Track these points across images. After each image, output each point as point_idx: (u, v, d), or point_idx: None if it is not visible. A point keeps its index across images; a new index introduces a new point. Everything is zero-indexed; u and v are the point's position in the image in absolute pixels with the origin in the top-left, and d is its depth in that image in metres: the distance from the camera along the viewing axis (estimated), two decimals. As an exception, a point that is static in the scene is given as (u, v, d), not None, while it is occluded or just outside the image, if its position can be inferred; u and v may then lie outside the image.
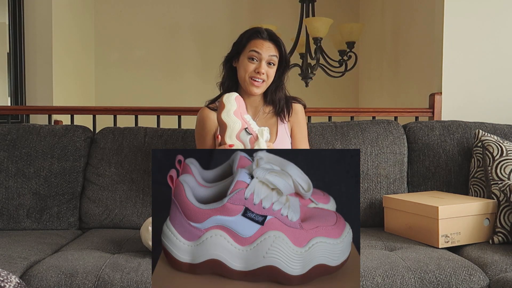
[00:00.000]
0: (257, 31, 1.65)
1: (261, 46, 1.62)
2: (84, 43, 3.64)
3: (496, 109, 2.35)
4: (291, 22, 3.50)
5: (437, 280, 1.32)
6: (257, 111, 1.73)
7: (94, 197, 1.87)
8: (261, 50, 1.61)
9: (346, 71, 3.20)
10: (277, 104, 1.72)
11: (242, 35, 1.67)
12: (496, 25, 2.35)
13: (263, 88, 1.66)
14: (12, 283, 1.06)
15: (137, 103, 3.37)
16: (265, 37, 1.64)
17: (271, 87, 1.70)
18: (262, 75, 1.62)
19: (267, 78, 1.64)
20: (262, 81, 1.63)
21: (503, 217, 1.58)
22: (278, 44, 1.66)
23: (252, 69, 1.62)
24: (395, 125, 2.00)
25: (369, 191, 1.88)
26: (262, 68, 1.61)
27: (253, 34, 1.65)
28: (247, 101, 1.70)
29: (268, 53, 1.62)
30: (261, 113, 1.73)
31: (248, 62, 1.62)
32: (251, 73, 1.62)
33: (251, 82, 1.63)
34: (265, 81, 1.64)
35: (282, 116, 1.73)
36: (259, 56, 1.61)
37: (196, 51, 3.91)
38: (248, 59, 1.62)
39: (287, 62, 1.70)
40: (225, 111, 1.43)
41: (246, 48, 1.63)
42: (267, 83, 1.66)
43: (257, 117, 1.72)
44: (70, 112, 2.45)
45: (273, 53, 1.63)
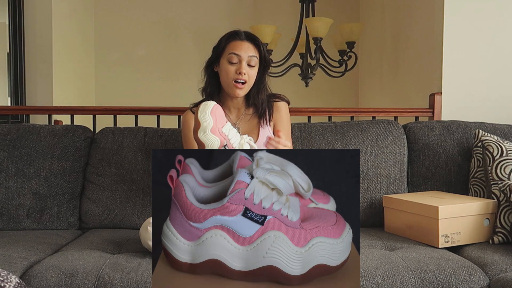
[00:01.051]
0: (234, 33, 1.66)
1: (239, 48, 1.63)
2: (84, 43, 3.64)
3: (496, 109, 2.35)
4: (291, 22, 3.50)
5: (437, 280, 1.32)
6: (240, 113, 1.75)
7: (94, 197, 1.87)
8: (239, 51, 1.62)
9: (346, 71, 3.20)
10: (259, 107, 1.72)
11: (221, 38, 1.68)
12: (496, 25, 2.35)
13: (245, 89, 1.66)
14: (12, 283, 1.06)
15: (137, 103, 3.37)
16: (243, 38, 1.65)
17: (253, 89, 1.70)
18: (243, 75, 1.62)
19: (248, 79, 1.64)
20: (244, 82, 1.64)
21: (503, 217, 1.58)
22: (257, 43, 1.66)
23: (233, 71, 1.62)
24: (395, 125, 2.00)
25: (369, 191, 1.88)
26: (243, 68, 1.62)
27: (230, 37, 1.66)
28: (231, 104, 1.72)
29: (247, 54, 1.63)
30: (244, 115, 1.74)
31: (228, 65, 1.63)
32: (233, 76, 1.63)
33: (234, 85, 1.63)
34: (247, 82, 1.64)
35: (263, 119, 1.73)
36: (239, 57, 1.62)
37: (196, 51, 3.91)
38: (228, 62, 1.63)
39: (267, 61, 1.71)
40: (201, 130, 1.41)
41: (225, 51, 1.64)
42: (249, 84, 1.67)
43: (240, 119, 1.74)
44: (70, 112, 2.45)
45: (252, 54, 1.64)
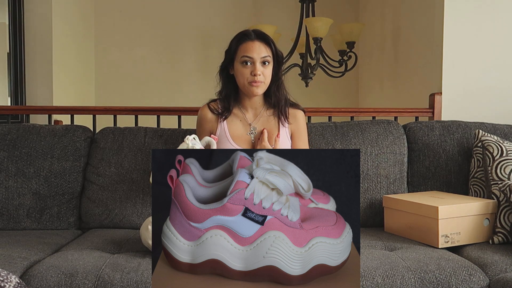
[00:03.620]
0: (244, 34, 1.66)
1: (251, 49, 1.63)
2: (84, 42, 3.64)
3: (496, 109, 2.35)
4: (291, 22, 3.50)
5: (437, 280, 1.32)
6: (257, 113, 1.74)
7: (94, 197, 1.87)
8: (252, 53, 1.63)
9: (346, 71, 3.20)
10: (281, 103, 1.73)
11: (232, 41, 1.69)
12: (496, 25, 2.35)
13: (263, 87, 1.67)
14: (12, 283, 1.06)
15: (137, 103, 3.38)
16: (254, 38, 1.65)
17: (272, 87, 1.71)
18: (259, 76, 1.63)
19: (264, 79, 1.65)
20: (261, 82, 1.64)
21: (503, 217, 1.58)
22: (268, 42, 1.67)
23: (248, 73, 1.63)
24: (395, 125, 2.00)
25: (369, 191, 1.88)
26: (257, 70, 1.63)
27: (241, 38, 1.66)
28: (248, 103, 1.73)
29: (259, 55, 1.63)
30: (261, 115, 1.74)
31: (242, 67, 1.64)
32: (249, 78, 1.64)
33: (250, 85, 1.64)
34: (263, 82, 1.65)
35: (282, 119, 1.74)
36: (252, 59, 1.63)
37: (196, 51, 3.91)
38: (242, 64, 1.64)
39: (280, 57, 1.71)
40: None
41: (238, 54, 1.65)
42: (266, 83, 1.67)
43: (258, 119, 1.74)
44: (70, 112, 2.45)
45: (264, 54, 1.64)
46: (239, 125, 1.72)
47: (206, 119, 1.72)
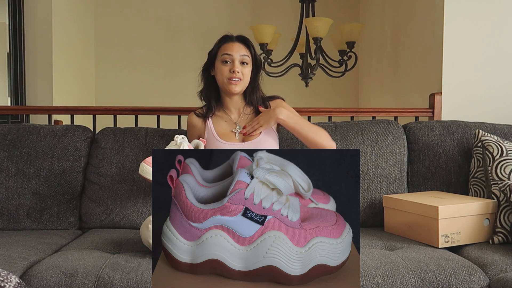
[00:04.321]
0: (225, 36, 1.76)
1: (231, 48, 1.71)
2: (84, 43, 3.64)
3: (496, 109, 2.35)
4: (291, 22, 3.50)
5: (437, 280, 1.32)
6: (239, 112, 1.80)
7: (95, 197, 1.87)
8: (231, 51, 1.71)
9: (346, 71, 3.20)
10: (255, 105, 1.79)
11: (215, 44, 1.77)
12: (496, 25, 2.35)
13: (241, 86, 1.73)
14: (12, 283, 1.06)
15: (137, 103, 3.37)
16: (234, 40, 1.74)
17: (248, 88, 1.77)
18: (237, 73, 1.70)
19: (243, 77, 1.71)
20: (239, 79, 1.70)
21: (503, 217, 1.58)
22: (247, 44, 1.75)
23: (227, 70, 1.70)
24: (395, 125, 2.00)
25: (369, 191, 1.88)
26: (236, 67, 1.70)
27: (222, 40, 1.76)
28: (230, 104, 1.80)
29: (239, 53, 1.71)
30: (243, 114, 1.80)
31: (222, 65, 1.71)
32: (228, 75, 1.71)
33: (229, 83, 1.71)
34: (241, 80, 1.71)
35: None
36: (231, 57, 1.70)
37: (196, 51, 3.91)
38: (222, 62, 1.71)
39: (259, 61, 1.78)
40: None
41: (219, 54, 1.73)
42: (245, 82, 1.73)
43: (240, 118, 1.79)
44: (70, 112, 2.45)
45: (243, 53, 1.72)
46: (225, 125, 1.78)
47: (193, 124, 1.80)
